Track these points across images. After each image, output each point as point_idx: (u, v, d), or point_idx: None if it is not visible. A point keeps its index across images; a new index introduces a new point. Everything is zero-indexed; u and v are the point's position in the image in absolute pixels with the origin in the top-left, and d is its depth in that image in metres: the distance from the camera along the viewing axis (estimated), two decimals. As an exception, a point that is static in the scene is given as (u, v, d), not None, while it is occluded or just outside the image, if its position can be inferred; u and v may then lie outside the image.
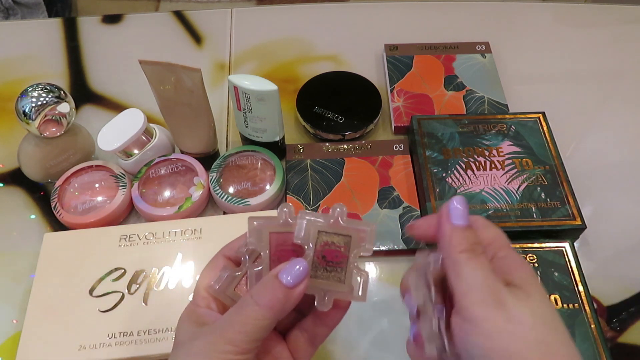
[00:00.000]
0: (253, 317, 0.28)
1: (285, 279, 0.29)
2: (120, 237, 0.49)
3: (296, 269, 0.29)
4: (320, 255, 0.31)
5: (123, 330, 0.44)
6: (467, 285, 0.28)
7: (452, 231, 0.30)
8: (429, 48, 0.68)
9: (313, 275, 0.31)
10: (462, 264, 0.28)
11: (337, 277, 0.31)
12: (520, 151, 0.55)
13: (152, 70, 0.48)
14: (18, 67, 0.69)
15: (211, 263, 0.33)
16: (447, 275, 0.29)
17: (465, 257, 0.29)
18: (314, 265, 0.31)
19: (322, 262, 0.31)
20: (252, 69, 0.69)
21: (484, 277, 0.28)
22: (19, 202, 0.56)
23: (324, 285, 0.31)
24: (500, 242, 0.31)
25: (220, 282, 0.32)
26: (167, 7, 1.70)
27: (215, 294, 0.32)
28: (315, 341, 0.33)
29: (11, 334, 0.47)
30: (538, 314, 0.27)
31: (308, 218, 0.31)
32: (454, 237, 0.29)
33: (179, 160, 0.55)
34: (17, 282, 0.50)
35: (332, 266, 0.31)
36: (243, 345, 0.28)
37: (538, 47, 0.71)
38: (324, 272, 0.31)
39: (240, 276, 0.32)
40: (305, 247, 0.31)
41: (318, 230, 0.31)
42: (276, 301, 0.28)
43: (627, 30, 0.73)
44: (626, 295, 0.49)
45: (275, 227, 0.31)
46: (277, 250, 0.31)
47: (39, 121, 0.50)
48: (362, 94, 0.62)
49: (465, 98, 0.62)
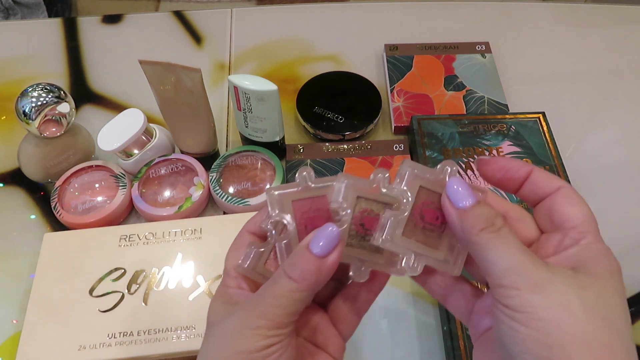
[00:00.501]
0: (287, 290, 0.26)
1: (317, 248, 0.26)
2: (120, 237, 0.49)
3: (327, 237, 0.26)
4: (358, 222, 0.28)
5: (123, 330, 0.44)
6: (496, 270, 0.24)
7: (461, 215, 0.26)
8: (429, 48, 0.68)
9: (349, 243, 0.28)
10: (484, 245, 0.25)
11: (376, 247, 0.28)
12: (520, 151, 0.55)
13: (152, 70, 0.48)
14: (18, 67, 0.69)
15: (236, 241, 0.31)
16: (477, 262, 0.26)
17: (486, 237, 0.25)
18: (351, 234, 0.28)
19: (361, 229, 0.28)
20: (252, 69, 0.69)
21: (515, 254, 0.24)
22: (19, 202, 0.56)
23: (360, 254, 0.28)
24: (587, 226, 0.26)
25: (248, 259, 0.29)
26: (167, 7, 1.70)
27: (244, 272, 0.29)
28: (360, 310, 0.31)
29: (11, 334, 0.47)
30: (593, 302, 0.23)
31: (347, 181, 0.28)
32: (465, 220, 0.26)
33: (179, 160, 0.55)
34: (17, 282, 0.50)
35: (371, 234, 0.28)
36: (277, 319, 0.26)
37: (538, 47, 0.71)
38: (361, 240, 0.29)
39: (268, 250, 0.30)
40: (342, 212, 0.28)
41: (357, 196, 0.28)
42: (309, 273, 0.26)
43: (627, 30, 0.73)
44: (626, 295, 0.49)
45: (296, 194, 0.29)
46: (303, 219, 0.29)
47: (39, 121, 0.50)
48: (362, 94, 0.62)
49: (465, 98, 0.62)
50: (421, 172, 0.28)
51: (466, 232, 0.26)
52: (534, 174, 0.28)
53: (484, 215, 0.25)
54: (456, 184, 0.27)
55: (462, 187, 0.27)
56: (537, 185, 0.28)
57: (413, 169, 0.28)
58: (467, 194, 0.26)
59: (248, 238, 0.30)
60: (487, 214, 0.25)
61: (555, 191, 0.27)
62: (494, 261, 0.24)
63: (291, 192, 0.29)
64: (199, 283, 0.46)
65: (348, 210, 0.28)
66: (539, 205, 0.28)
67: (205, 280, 0.46)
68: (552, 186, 0.27)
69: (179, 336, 0.43)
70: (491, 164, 0.29)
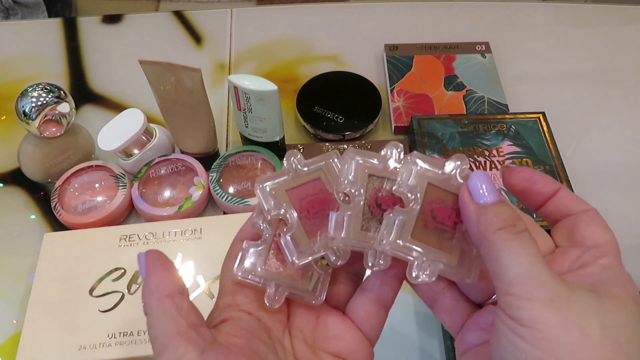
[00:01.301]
0: None
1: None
2: (120, 237, 0.49)
3: None
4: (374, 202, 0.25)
5: (123, 330, 0.44)
6: (509, 275, 0.21)
7: (480, 209, 0.23)
8: (429, 48, 0.68)
9: (365, 227, 0.25)
10: (500, 245, 0.22)
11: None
12: (520, 151, 0.55)
13: (152, 70, 0.48)
14: (18, 67, 0.69)
15: (230, 253, 0.28)
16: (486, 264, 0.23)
17: (503, 237, 0.22)
18: (365, 216, 0.25)
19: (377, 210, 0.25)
20: (252, 69, 0.69)
21: (532, 262, 0.21)
22: (19, 202, 0.56)
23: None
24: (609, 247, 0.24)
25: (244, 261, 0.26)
26: (167, 7, 1.70)
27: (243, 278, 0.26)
28: (387, 301, 0.28)
29: (11, 334, 0.47)
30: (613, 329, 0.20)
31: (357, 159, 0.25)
32: (483, 215, 0.23)
33: (179, 160, 0.55)
34: (17, 282, 0.50)
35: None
36: None
37: (538, 47, 0.71)
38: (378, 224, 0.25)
39: (267, 247, 0.27)
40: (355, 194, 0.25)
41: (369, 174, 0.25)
42: None
43: (627, 30, 0.73)
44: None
45: (289, 182, 0.26)
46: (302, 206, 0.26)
47: (39, 121, 0.50)
48: (362, 94, 0.62)
49: (465, 98, 0.62)
50: (431, 167, 0.26)
51: (483, 228, 0.23)
52: (561, 191, 0.26)
53: (506, 213, 0.23)
54: (479, 178, 0.24)
55: (486, 183, 0.24)
56: (563, 204, 0.26)
57: (422, 162, 0.25)
58: (491, 190, 0.24)
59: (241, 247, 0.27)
60: (509, 213, 0.23)
61: (581, 212, 0.25)
62: (508, 265, 0.21)
63: (283, 181, 0.26)
64: (199, 283, 0.46)
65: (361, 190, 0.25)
66: (559, 223, 0.26)
67: (205, 280, 0.46)
68: (579, 208, 0.25)
69: (179, 336, 0.43)
70: (518, 172, 0.27)
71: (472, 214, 0.24)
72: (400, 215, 0.25)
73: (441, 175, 0.26)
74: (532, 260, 0.21)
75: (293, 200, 0.26)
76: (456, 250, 0.25)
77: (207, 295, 0.45)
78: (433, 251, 0.25)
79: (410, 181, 0.25)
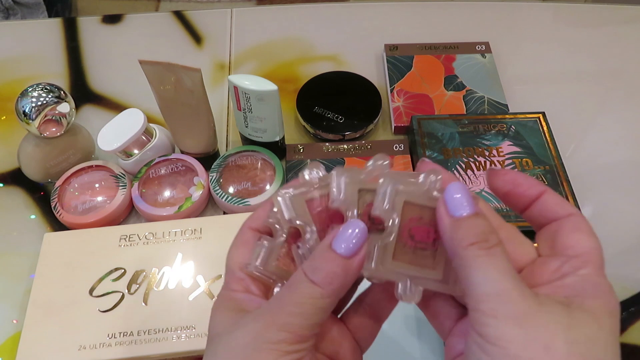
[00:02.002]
0: (310, 296, 0.23)
1: (341, 248, 0.23)
2: (120, 237, 0.49)
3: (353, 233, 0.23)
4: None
5: (123, 330, 0.44)
6: (477, 292, 0.21)
7: (454, 223, 0.23)
8: (429, 48, 0.68)
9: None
10: (470, 262, 0.22)
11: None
12: (520, 151, 0.55)
13: (152, 70, 0.48)
14: (18, 67, 0.69)
15: (238, 238, 0.27)
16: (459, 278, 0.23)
17: (475, 254, 0.22)
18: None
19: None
20: (252, 69, 0.69)
21: (500, 278, 0.21)
22: (19, 202, 0.56)
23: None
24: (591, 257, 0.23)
25: (259, 257, 0.26)
26: (167, 7, 1.70)
27: (255, 271, 0.26)
28: (381, 316, 0.28)
29: (11, 334, 0.47)
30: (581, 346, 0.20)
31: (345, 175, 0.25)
32: (457, 229, 0.23)
33: (179, 160, 0.55)
34: (17, 282, 0.50)
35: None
36: (299, 331, 0.22)
37: (538, 47, 0.71)
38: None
39: (279, 247, 0.27)
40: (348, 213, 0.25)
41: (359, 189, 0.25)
42: (334, 276, 0.23)
43: (627, 30, 0.73)
44: (626, 295, 0.49)
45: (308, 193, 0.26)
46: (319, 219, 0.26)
47: (39, 121, 0.50)
48: (362, 94, 0.62)
49: (465, 98, 0.62)
50: (405, 186, 0.25)
51: (455, 243, 0.23)
52: (546, 194, 0.25)
53: (478, 227, 0.23)
54: (456, 190, 0.24)
55: (462, 195, 0.23)
56: (547, 208, 0.25)
57: (395, 183, 0.25)
58: (466, 202, 0.23)
59: (251, 235, 0.27)
60: (482, 227, 0.23)
61: (565, 217, 0.25)
62: (477, 282, 0.21)
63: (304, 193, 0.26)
64: (199, 283, 0.46)
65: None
66: (543, 228, 0.26)
67: (205, 280, 0.46)
68: (564, 212, 0.25)
69: (179, 336, 0.43)
70: (501, 175, 0.26)
71: (447, 227, 0.23)
72: (379, 241, 0.25)
73: (417, 190, 0.25)
74: (500, 277, 0.21)
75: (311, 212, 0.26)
76: (440, 264, 0.25)
77: (207, 295, 0.45)
78: (415, 269, 0.25)
79: (386, 205, 0.25)
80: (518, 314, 0.20)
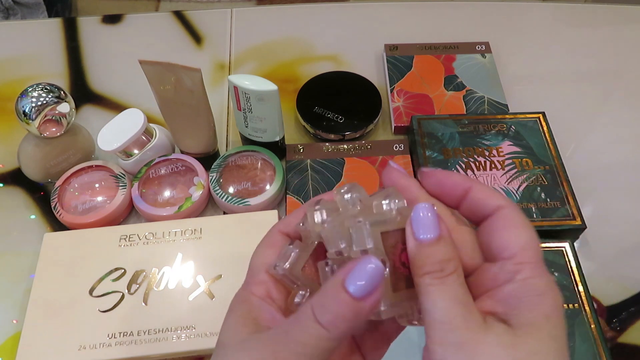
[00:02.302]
0: (315, 337, 0.22)
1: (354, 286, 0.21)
2: (120, 237, 0.49)
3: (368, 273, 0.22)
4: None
5: (123, 330, 0.44)
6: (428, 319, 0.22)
7: (415, 249, 0.23)
8: (429, 48, 0.68)
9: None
10: (424, 289, 0.22)
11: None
12: (520, 151, 0.55)
13: (152, 70, 0.48)
14: (18, 67, 0.69)
15: (267, 240, 0.27)
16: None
17: (427, 283, 0.22)
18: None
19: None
20: (252, 69, 0.69)
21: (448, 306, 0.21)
22: (19, 202, 0.56)
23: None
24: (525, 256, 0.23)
25: (287, 260, 0.25)
26: (167, 7, 1.70)
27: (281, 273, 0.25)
28: (391, 336, 0.27)
29: (11, 334, 0.47)
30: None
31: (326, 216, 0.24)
32: (416, 256, 0.23)
33: (179, 160, 0.55)
34: (17, 282, 0.50)
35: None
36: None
37: (538, 47, 0.71)
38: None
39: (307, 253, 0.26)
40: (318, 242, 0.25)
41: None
42: (343, 319, 0.21)
43: (627, 30, 0.73)
44: (626, 295, 0.49)
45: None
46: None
47: (39, 121, 0.50)
48: (362, 94, 0.62)
49: (465, 98, 0.62)
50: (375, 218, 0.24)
51: (414, 270, 0.23)
52: (472, 190, 0.24)
53: (436, 256, 0.22)
54: (423, 212, 0.23)
55: (427, 217, 0.23)
56: (476, 204, 0.24)
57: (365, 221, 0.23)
58: (431, 225, 0.23)
59: (280, 238, 0.27)
60: (440, 256, 0.22)
61: (494, 212, 0.24)
62: (427, 309, 0.22)
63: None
64: (199, 283, 0.46)
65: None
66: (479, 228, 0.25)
67: (205, 280, 0.46)
68: (491, 205, 0.24)
69: (179, 336, 0.43)
70: (428, 177, 0.26)
71: (410, 252, 0.23)
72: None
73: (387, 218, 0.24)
74: (449, 305, 0.21)
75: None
76: None
77: (207, 295, 0.45)
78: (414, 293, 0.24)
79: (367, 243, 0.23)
80: (462, 341, 0.21)
